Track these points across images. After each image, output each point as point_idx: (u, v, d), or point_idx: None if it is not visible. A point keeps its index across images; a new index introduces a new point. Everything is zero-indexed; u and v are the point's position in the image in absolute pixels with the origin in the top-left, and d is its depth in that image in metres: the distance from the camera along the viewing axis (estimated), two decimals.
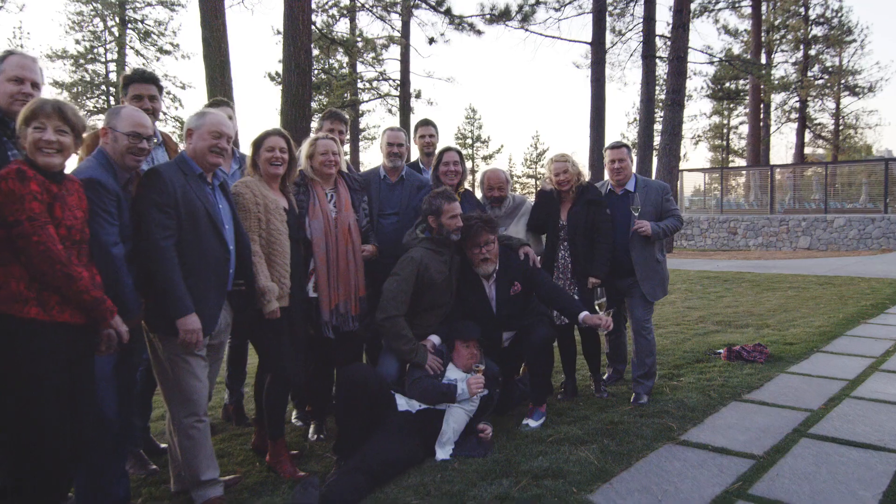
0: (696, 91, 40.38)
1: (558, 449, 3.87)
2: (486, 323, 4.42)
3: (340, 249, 4.10)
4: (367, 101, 32.94)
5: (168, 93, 35.44)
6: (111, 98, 35.48)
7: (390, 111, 33.56)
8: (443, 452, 3.79)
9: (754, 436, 4.05)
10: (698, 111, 55.23)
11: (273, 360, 3.71)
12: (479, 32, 22.40)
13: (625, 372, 5.56)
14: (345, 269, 4.10)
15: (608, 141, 9.91)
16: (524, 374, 5.06)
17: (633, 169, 5.17)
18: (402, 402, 3.87)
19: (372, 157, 45.06)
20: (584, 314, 4.29)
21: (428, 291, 4.23)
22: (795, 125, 36.70)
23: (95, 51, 35.83)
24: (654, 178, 19.58)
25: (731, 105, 42.12)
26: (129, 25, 35.71)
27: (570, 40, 36.39)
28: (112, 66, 35.71)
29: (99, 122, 3.48)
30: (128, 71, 3.81)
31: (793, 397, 4.83)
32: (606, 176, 5.14)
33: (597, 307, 4.34)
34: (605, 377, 5.47)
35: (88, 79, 35.70)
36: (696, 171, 29.74)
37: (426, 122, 5.61)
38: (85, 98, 35.53)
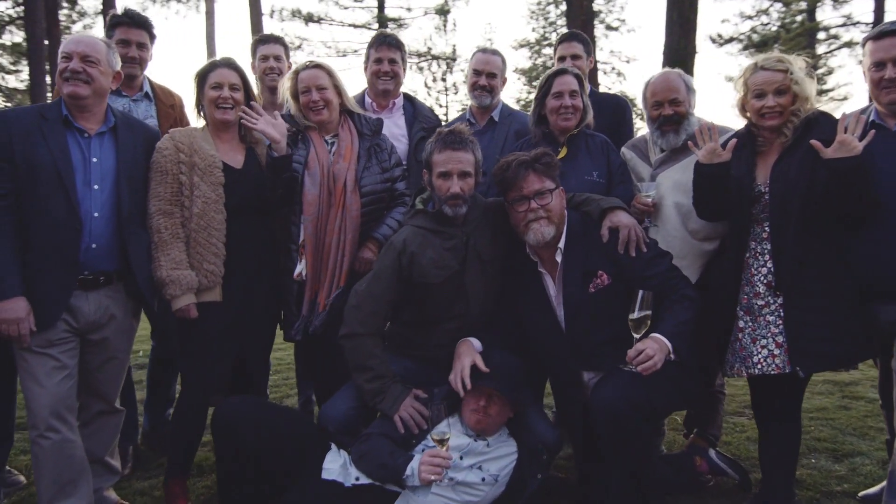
0: None
1: None
2: (554, 348, 2.61)
3: (332, 214, 2.87)
4: (829, 55, 26.99)
5: (613, 68, 35.30)
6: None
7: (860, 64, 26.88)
8: None
9: None
10: None
11: (189, 375, 2.84)
12: None
13: None
14: (330, 242, 2.86)
15: None
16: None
17: None
18: (335, 468, 2.45)
19: None
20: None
21: (423, 297, 2.63)
22: None
23: (548, 36, 38.35)
24: None
25: None
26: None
27: None
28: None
29: None
30: (117, 10, 3.35)
31: None
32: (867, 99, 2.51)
33: (630, 326, 2.30)
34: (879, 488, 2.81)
35: (541, 62, 38.47)
36: None
37: (571, 36, 3.75)
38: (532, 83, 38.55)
